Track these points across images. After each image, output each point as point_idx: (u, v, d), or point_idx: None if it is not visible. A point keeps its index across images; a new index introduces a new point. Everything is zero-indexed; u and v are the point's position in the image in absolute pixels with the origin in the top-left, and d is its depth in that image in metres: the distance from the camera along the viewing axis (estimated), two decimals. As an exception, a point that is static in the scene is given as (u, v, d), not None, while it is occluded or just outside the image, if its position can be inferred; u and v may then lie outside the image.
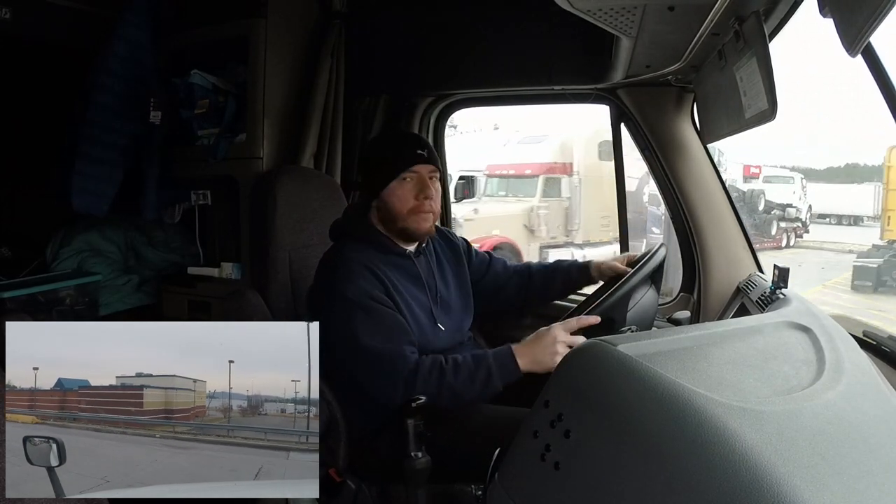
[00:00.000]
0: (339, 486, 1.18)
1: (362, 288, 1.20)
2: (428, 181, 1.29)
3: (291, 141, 1.89)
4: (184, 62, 1.97)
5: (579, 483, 0.61)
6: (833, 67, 11.96)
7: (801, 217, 9.70)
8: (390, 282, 1.24)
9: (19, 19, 1.77)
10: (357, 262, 1.23)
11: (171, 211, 2.14)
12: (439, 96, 2.09)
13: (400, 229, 1.29)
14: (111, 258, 2.12)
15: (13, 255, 2.19)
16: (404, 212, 1.27)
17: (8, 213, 2.30)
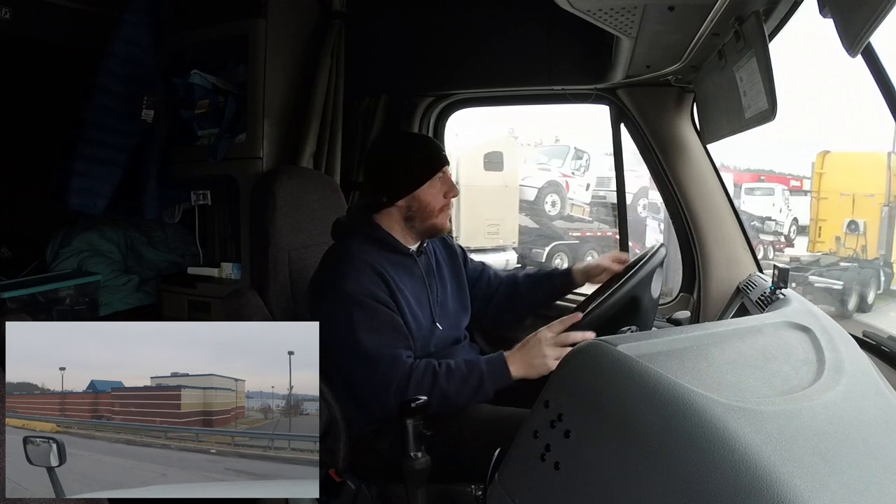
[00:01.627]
0: (339, 486, 1.18)
1: (364, 285, 1.20)
2: (452, 180, 1.35)
3: (291, 141, 1.89)
4: (184, 62, 1.97)
5: (579, 483, 0.62)
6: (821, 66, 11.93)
7: (781, 231, 9.45)
8: (393, 280, 1.25)
9: (19, 19, 1.77)
10: (361, 259, 1.24)
11: (171, 211, 2.14)
12: (439, 96, 2.09)
13: (428, 227, 1.32)
14: (111, 258, 2.12)
15: (13, 255, 2.19)
16: (436, 209, 1.31)
17: (8, 213, 2.30)
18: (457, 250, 1.50)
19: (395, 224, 1.32)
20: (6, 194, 2.28)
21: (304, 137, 1.88)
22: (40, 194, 2.03)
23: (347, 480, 1.19)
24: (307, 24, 1.94)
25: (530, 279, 1.55)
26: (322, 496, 1.14)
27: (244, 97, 1.88)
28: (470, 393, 1.16)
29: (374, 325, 1.19)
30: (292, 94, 1.91)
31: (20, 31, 1.80)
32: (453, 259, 1.48)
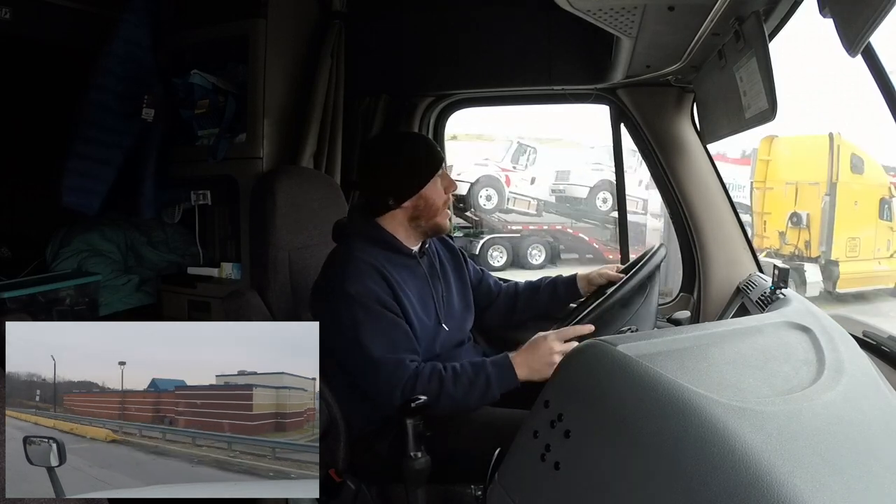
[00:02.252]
0: (339, 486, 1.18)
1: (370, 289, 1.20)
2: (450, 177, 1.36)
3: (291, 141, 1.89)
4: (184, 62, 1.97)
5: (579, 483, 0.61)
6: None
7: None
8: (397, 283, 1.24)
9: (19, 19, 1.77)
10: (365, 262, 1.23)
11: (170, 211, 2.14)
12: (439, 96, 2.09)
13: (433, 224, 1.32)
14: (111, 258, 2.12)
15: (13, 255, 2.18)
16: (440, 206, 1.32)
17: (8, 213, 2.30)
18: (458, 251, 1.50)
19: (399, 225, 1.32)
20: (6, 194, 2.28)
21: (304, 137, 1.87)
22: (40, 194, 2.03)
23: (347, 480, 1.19)
24: (307, 24, 1.94)
25: (531, 287, 1.54)
26: (322, 496, 1.14)
27: (244, 97, 1.87)
28: (478, 397, 1.16)
29: (378, 329, 1.18)
30: (292, 94, 1.91)
31: (20, 31, 1.79)
32: (456, 260, 1.48)
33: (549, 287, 1.52)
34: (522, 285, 1.56)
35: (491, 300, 1.53)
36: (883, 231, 6.89)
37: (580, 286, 1.48)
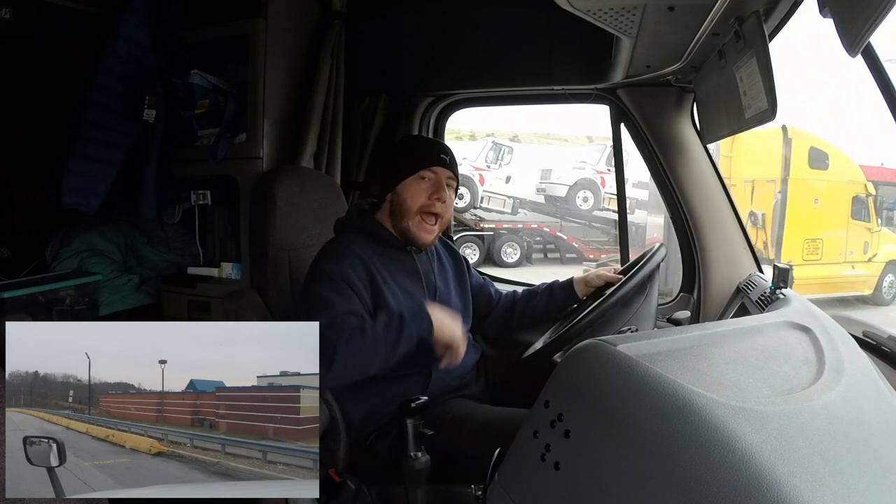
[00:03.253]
0: (339, 486, 1.18)
1: (342, 268, 1.22)
2: (444, 185, 1.32)
3: (291, 141, 1.89)
4: (184, 62, 1.97)
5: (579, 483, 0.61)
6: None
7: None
8: (379, 273, 1.26)
9: (19, 19, 1.77)
10: (349, 248, 1.26)
11: (170, 211, 2.14)
12: (439, 96, 2.09)
13: (403, 229, 1.31)
14: (111, 258, 2.12)
15: (13, 255, 2.18)
16: (414, 209, 1.30)
17: (8, 213, 2.30)
18: (461, 259, 1.50)
19: (387, 220, 1.34)
20: (6, 194, 2.28)
21: (304, 137, 1.88)
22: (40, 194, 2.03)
23: (347, 480, 1.19)
24: (307, 24, 1.94)
25: (529, 294, 1.54)
26: (322, 496, 1.14)
27: (244, 97, 1.87)
28: (394, 336, 1.13)
29: (336, 295, 1.19)
30: (292, 94, 1.91)
31: (20, 31, 1.79)
32: (458, 264, 1.48)
33: (545, 292, 1.52)
34: (520, 293, 1.56)
35: (491, 308, 1.54)
36: (858, 232, 6.43)
37: (577, 289, 1.48)
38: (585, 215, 9.17)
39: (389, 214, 1.33)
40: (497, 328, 1.55)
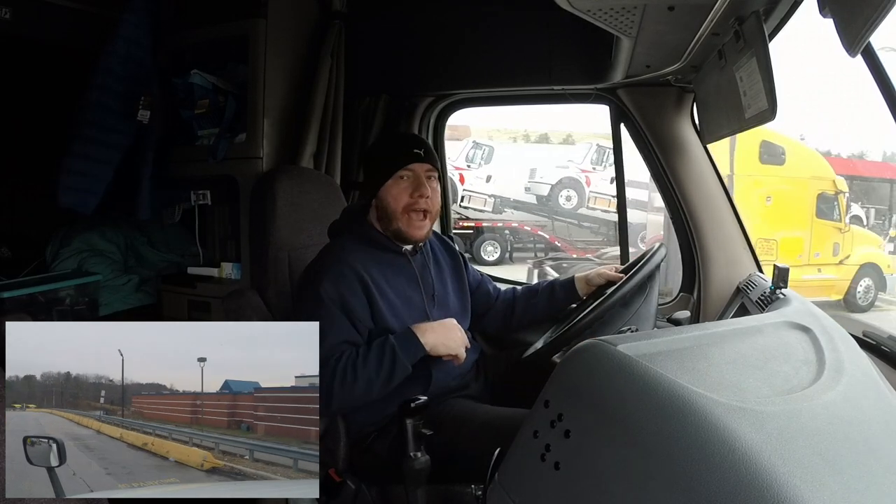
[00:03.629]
0: (339, 486, 1.18)
1: (339, 291, 1.21)
2: (424, 180, 1.30)
3: (291, 141, 1.89)
4: (184, 62, 1.97)
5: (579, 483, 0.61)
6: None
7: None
8: (374, 282, 1.25)
9: (19, 19, 1.77)
10: (345, 261, 1.25)
11: (170, 211, 2.14)
12: (439, 96, 2.09)
13: (395, 230, 1.30)
14: (111, 258, 2.12)
15: (13, 255, 2.19)
16: (399, 210, 1.29)
17: (8, 213, 2.30)
18: (458, 255, 1.49)
19: (378, 223, 1.33)
20: (6, 194, 2.28)
21: (304, 137, 1.88)
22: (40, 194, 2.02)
23: (347, 480, 1.19)
24: (307, 24, 1.94)
25: (529, 292, 1.54)
26: (322, 496, 1.14)
27: (244, 97, 1.87)
28: (388, 369, 1.16)
29: (331, 325, 1.19)
30: (292, 94, 1.91)
31: (20, 31, 1.79)
32: (456, 262, 1.47)
33: (546, 290, 1.52)
34: (520, 290, 1.56)
35: (490, 305, 1.53)
36: (825, 232, 6.04)
37: (578, 288, 1.48)
38: (570, 214, 9.16)
39: (378, 218, 1.32)
40: (496, 326, 1.55)
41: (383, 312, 1.24)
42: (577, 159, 9.42)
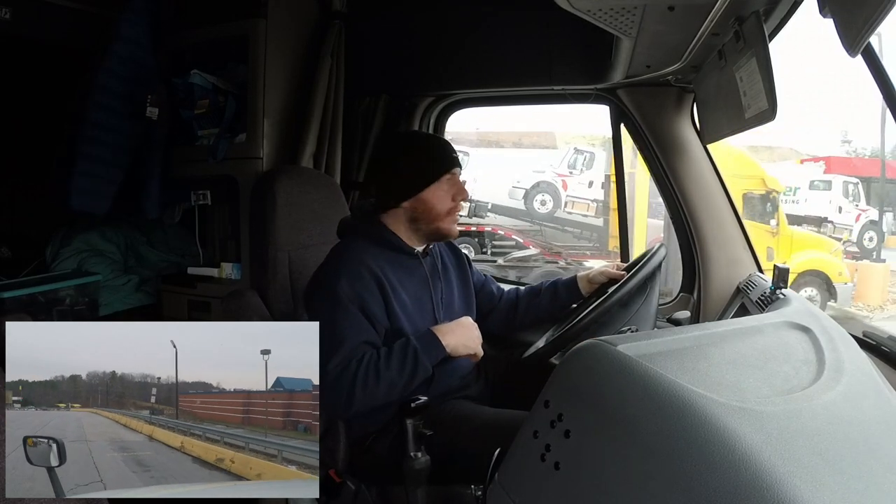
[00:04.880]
0: (339, 486, 1.18)
1: (356, 291, 1.21)
2: (461, 183, 1.33)
3: (291, 141, 1.89)
4: (184, 62, 1.97)
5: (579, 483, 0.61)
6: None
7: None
8: (390, 284, 1.24)
9: (19, 19, 1.77)
10: (359, 260, 1.24)
11: (170, 211, 2.15)
12: (439, 96, 2.09)
13: (433, 229, 1.31)
14: (111, 258, 2.12)
15: (13, 255, 2.19)
16: (443, 213, 1.30)
17: (8, 213, 2.30)
18: (463, 257, 1.49)
19: (401, 225, 1.31)
20: (6, 194, 2.28)
21: (304, 137, 1.88)
22: (40, 194, 2.03)
23: (347, 481, 1.19)
24: (307, 24, 1.94)
25: (532, 292, 1.54)
26: (322, 496, 1.14)
27: (244, 97, 1.88)
28: (410, 371, 1.18)
29: (350, 325, 1.19)
30: (292, 94, 1.91)
31: (20, 31, 1.80)
32: (460, 263, 1.47)
33: (549, 290, 1.52)
34: (523, 290, 1.56)
35: (493, 306, 1.53)
36: (753, 235, 5.91)
37: (581, 286, 1.48)
38: (547, 218, 9.12)
39: (408, 220, 1.31)
40: (500, 326, 1.55)
41: (397, 313, 1.24)
42: (554, 163, 9.28)
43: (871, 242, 8.27)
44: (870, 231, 8.34)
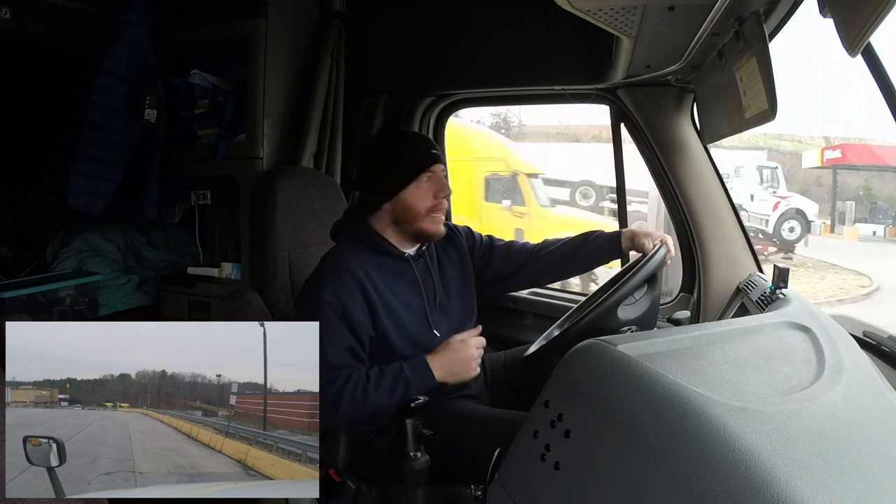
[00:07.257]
0: (339, 486, 1.18)
1: (341, 299, 1.20)
2: (444, 180, 1.30)
3: (291, 141, 1.89)
4: (184, 62, 1.97)
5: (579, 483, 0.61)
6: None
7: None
8: (375, 289, 1.23)
9: (19, 19, 1.77)
10: (347, 267, 1.23)
11: (170, 211, 2.14)
12: (439, 96, 2.09)
13: (416, 230, 1.29)
14: (111, 258, 2.12)
15: (13, 255, 2.19)
16: (423, 212, 1.28)
17: (8, 213, 2.30)
18: (462, 241, 1.44)
19: (388, 226, 1.30)
20: (6, 194, 2.28)
21: (304, 137, 1.87)
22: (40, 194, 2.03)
23: (347, 480, 1.19)
24: (307, 24, 1.94)
25: (562, 244, 1.47)
26: (322, 496, 1.14)
27: (244, 97, 1.87)
28: (400, 397, 1.16)
29: (333, 339, 1.18)
30: (292, 94, 1.91)
31: (20, 31, 1.79)
32: (460, 254, 1.43)
33: (588, 242, 1.45)
34: (550, 241, 1.49)
35: (515, 267, 1.46)
36: (499, 217, 5.39)
37: (624, 245, 1.43)
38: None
39: (392, 222, 1.29)
40: (522, 282, 1.52)
41: (383, 319, 1.23)
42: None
43: (791, 233, 7.54)
44: (790, 221, 7.58)
